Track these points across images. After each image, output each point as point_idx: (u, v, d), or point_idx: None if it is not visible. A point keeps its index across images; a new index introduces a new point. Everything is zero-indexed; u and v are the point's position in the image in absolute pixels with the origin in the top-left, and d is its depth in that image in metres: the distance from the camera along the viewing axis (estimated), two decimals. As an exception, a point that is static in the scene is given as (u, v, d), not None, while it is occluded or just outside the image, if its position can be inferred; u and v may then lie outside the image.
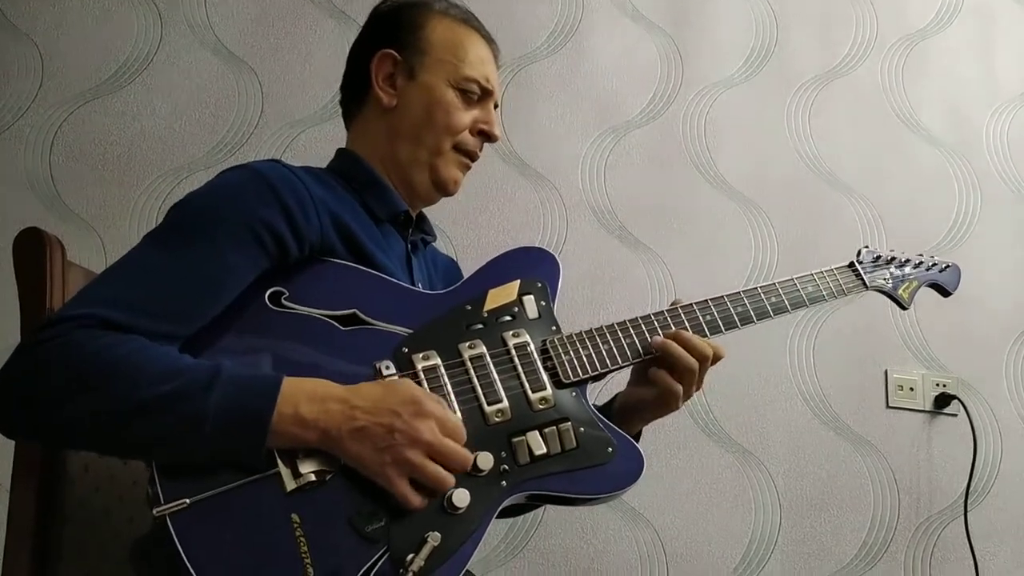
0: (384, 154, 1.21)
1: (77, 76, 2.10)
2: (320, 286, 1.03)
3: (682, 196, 2.22)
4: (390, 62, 1.21)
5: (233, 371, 0.90)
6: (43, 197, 2.01)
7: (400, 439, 0.91)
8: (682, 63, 2.32)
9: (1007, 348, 2.22)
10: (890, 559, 2.03)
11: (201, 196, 1.02)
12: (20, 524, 0.99)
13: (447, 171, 1.21)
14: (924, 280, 1.37)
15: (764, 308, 1.22)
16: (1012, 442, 2.14)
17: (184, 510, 0.86)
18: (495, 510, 0.97)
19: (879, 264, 1.34)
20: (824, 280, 1.29)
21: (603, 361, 1.11)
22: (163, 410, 0.86)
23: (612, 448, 1.04)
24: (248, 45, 2.17)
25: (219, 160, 2.08)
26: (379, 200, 1.18)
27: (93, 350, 0.86)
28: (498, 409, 1.02)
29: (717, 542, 2.00)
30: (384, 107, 1.20)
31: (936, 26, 2.45)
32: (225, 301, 0.97)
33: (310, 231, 1.02)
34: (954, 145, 2.36)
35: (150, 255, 0.96)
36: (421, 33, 1.22)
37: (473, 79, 1.20)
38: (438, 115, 1.19)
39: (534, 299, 1.13)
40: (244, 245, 0.97)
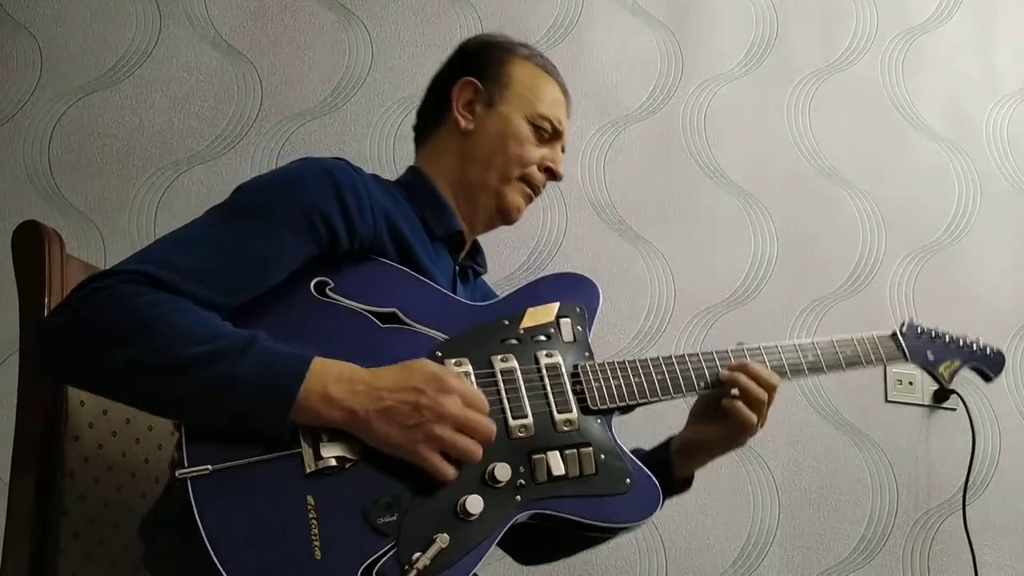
0: (453, 175, 1.26)
1: (76, 69, 2.09)
2: (365, 282, 1.05)
3: (682, 190, 2.22)
4: (471, 90, 1.28)
5: (268, 343, 0.92)
6: (42, 190, 2.00)
7: (427, 415, 0.93)
8: (682, 57, 2.32)
9: (1006, 343, 2.22)
10: (888, 553, 2.04)
11: (266, 179, 1.07)
12: (19, 516, 1.00)
13: (512, 198, 1.27)
14: (968, 362, 1.36)
15: (800, 365, 1.23)
16: (1011, 436, 2.15)
17: (205, 476, 0.87)
18: (507, 523, 0.97)
19: (921, 337, 1.34)
20: (864, 347, 1.29)
21: (632, 393, 1.12)
22: (196, 369, 0.88)
23: (630, 479, 1.05)
24: (247, 38, 2.17)
25: (218, 153, 2.07)
26: (437, 217, 1.22)
27: (137, 305, 0.89)
28: (522, 424, 1.03)
29: (716, 536, 2.00)
30: (461, 131, 1.26)
31: (936, 21, 2.45)
32: (271, 280, 1.00)
33: (363, 226, 1.06)
34: (954, 140, 2.36)
35: (209, 227, 1.00)
36: (504, 68, 1.29)
37: (547, 118, 1.27)
38: (511, 145, 1.25)
39: (571, 323, 1.14)
40: (298, 230, 1.00)
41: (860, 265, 2.23)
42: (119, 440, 1.16)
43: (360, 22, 2.21)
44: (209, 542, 0.84)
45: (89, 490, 1.09)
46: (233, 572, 0.83)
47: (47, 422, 1.05)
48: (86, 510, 1.08)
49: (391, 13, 2.23)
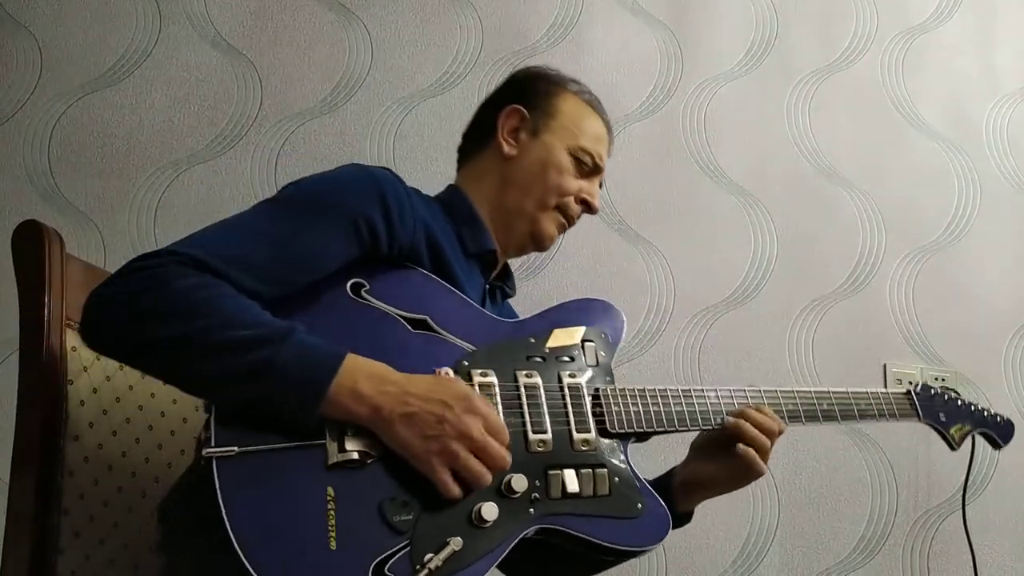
0: (492, 198, 1.29)
1: (76, 69, 2.09)
2: (400, 287, 1.09)
3: (681, 190, 2.22)
4: (517, 117, 1.31)
5: (306, 335, 0.95)
6: (42, 190, 2.00)
7: (448, 430, 0.95)
8: (682, 57, 2.32)
9: (1005, 341, 2.22)
10: (888, 552, 2.04)
11: (316, 179, 1.10)
12: (19, 516, 1.00)
13: (546, 226, 1.30)
14: (977, 427, 1.39)
15: (815, 412, 1.27)
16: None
17: (231, 457, 0.90)
18: (518, 534, 0.99)
19: (934, 398, 1.38)
20: (878, 401, 1.32)
21: (650, 421, 1.15)
22: (237, 352, 0.90)
23: (642, 505, 1.07)
24: (247, 38, 2.17)
25: (218, 153, 2.08)
26: (472, 234, 1.25)
27: (185, 285, 0.92)
28: (541, 439, 1.05)
29: (716, 535, 2.00)
30: (503, 156, 1.30)
31: (936, 20, 2.45)
32: (312, 277, 1.03)
33: (403, 234, 1.09)
34: (954, 140, 2.36)
35: (258, 219, 1.04)
36: (552, 100, 1.32)
37: (589, 152, 1.30)
38: (551, 174, 1.28)
39: (595, 348, 1.17)
40: (342, 231, 1.04)
41: (860, 265, 2.23)
42: (119, 440, 1.16)
43: (360, 22, 2.21)
44: (228, 521, 0.86)
45: (89, 490, 1.09)
46: (250, 552, 0.85)
47: (47, 422, 1.05)
48: (86, 509, 1.08)
49: (391, 13, 2.23)
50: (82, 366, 1.10)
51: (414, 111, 2.16)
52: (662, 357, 2.09)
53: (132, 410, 1.19)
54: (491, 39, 2.23)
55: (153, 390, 1.23)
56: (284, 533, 0.88)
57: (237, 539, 0.85)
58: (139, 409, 1.20)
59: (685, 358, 2.10)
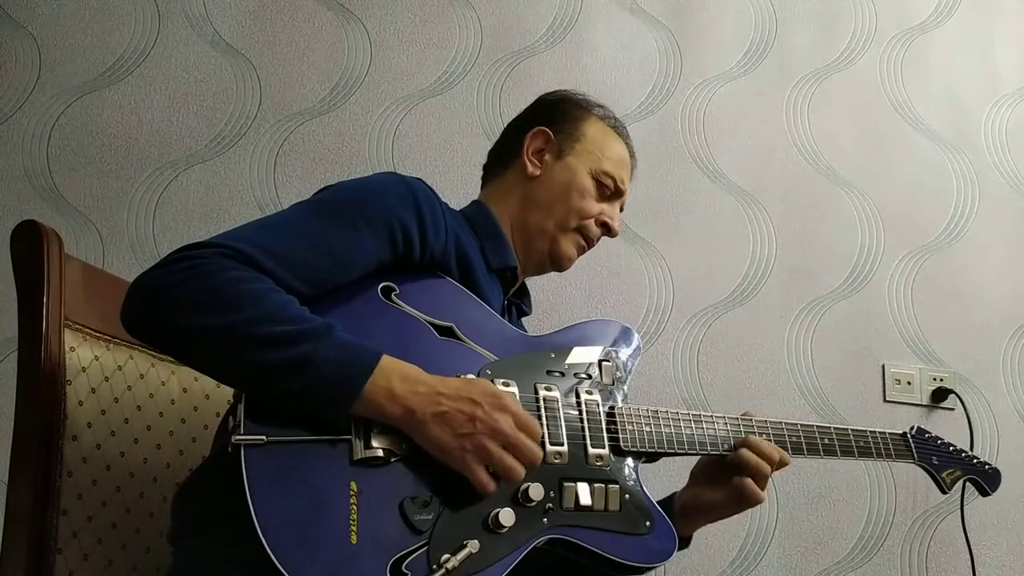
0: (514, 216, 1.32)
1: (75, 68, 2.09)
2: (429, 294, 1.11)
3: (680, 190, 2.22)
4: (543, 138, 1.34)
5: (343, 334, 0.97)
6: (41, 190, 2.00)
7: (480, 427, 0.97)
8: (681, 57, 2.32)
9: (1004, 342, 2.22)
10: (886, 553, 2.04)
11: (354, 183, 1.13)
12: (18, 516, 1.00)
13: (566, 247, 1.33)
14: (968, 474, 1.43)
15: (816, 446, 1.29)
16: (1008, 436, 2.15)
17: (259, 446, 0.91)
18: (531, 542, 1.01)
19: (928, 443, 1.41)
20: (876, 440, 1.35)
21: (661, 442, 1.17)
22: (278, 346, 0.92)
23: (651, 523, 1.11)
24: (246, 38, 2.17)
25: (217, 153, 2.07)
26: (495, 250, 1.28)
27: (230, 278, 0.94)
28: (557, 451, 1.07)
29: (714, 536, 2.00)
30: (527, 175, 1.33)
31: (935, 20, 2.45)
32: (348, 277, 1.05)
33: (436, 243, 1.12)
34: (953, 139, 2.36)
35: (298, 218, 1.06)
36: (578, 124, 1.36)
37: (612, 176, 1.33)
38: (573, 195, 1.31)
39: (612, 368, 1.20)
40: (378, 235, 1.07)
41: (858, 265, 2.23)
42: (117, 440, 1.16)
43: (359, 21, 2.21)
44: (254, 508, 0.87)
45: (87, 490, 1.09)
46: (272, 539, 0.86)
47: (45, 422, 1.05)
48: (84, 509, 1.08)
49: (390, 13, 2.23)
50: (80, 366, 1.10)
51: (413, 111, 2.16)
52: (661, 357, 2.09)
53: (130, 410, 1.19)
54: (490, 39, 2.23)
55: (151, 391, 1.23)
56: (307, 524, 0.89)
57: (262, 527, 0.86)
58: (137, 409, 1.20)
59: (684, 358, 2.10)
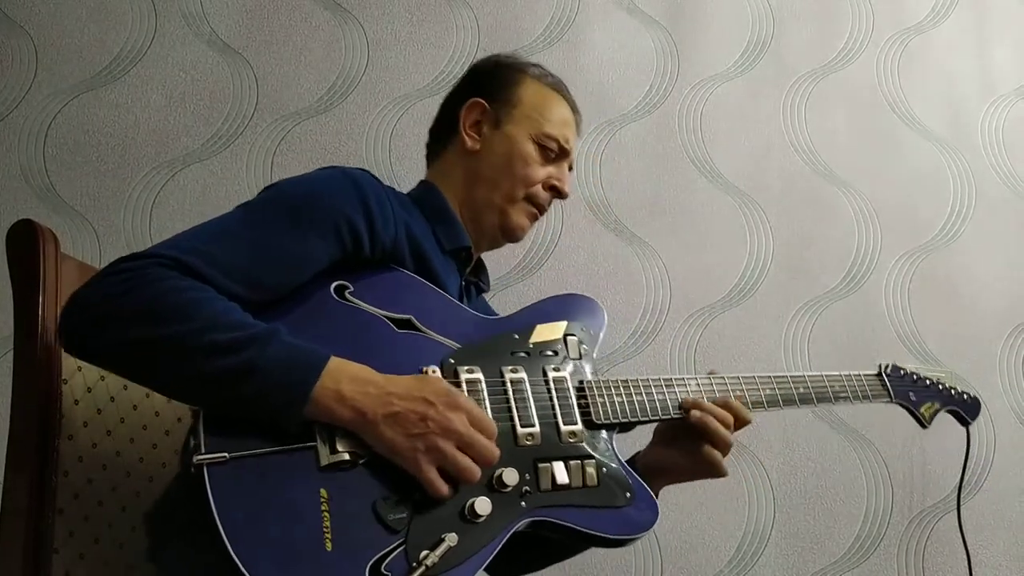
0: (460, 193, 1.30)
1: (71, 67, 2.09)
2: (383, 288, 1.09)
3: (677, 190, 2.22)
4: (479, 110, 1.31)
5: (289, 338, 0.95)
6: (37, 189, 2.00)
7: (433, 427, 0.95)
8: (678, 57, 2.32)
9: (1000, 342, 2.22)
10: (883, 552, 2.04)
11: (296, 182, 1.10)
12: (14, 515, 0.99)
13: (516, 218, 1.31)
14: (946, 405, 1.42)
15: (792, 396, 1.27)
16: (1005, 436, 2.15)
17: (222, 464, 0.89)
18: (511, 528, 1.00)
19: (904, 379, 1.40)
20: (851, 383, 1.34)
21: (634, 411, 1.16)
22: (220, 354, 0.90)
23: (631, 494, 1.09)
24: (243, 37, 2.17)
25: (214, 152, 2.07)
26: (447, 232, 1.26)
27: (168, 288, 0.92)
28: (529, 432, 1.06)
29: (711, 535, 2.00)
30: (467, 150, 1.30)
31: (932, 21, 2.45)
32: (295, 281, 1.03)
33: (385, 236, 1.10)
34: (949, 140, 2.36)
35: (240, 222, 1.03)
36: (513, 89, 1.32)
37: (554, 137, 1.30)
38: (517, 165, 1.28)
39: (577, 342, 1.19)
40: (324, 235, 1.04)
41: (855, 265, 2.23)
42: (114, 439, 1.15)
43: (356, 21, 2.21)
44: (223, 528, 0.85)
45: (83, 489, 1.09)
46: (245, 558, 0.85)
47: (41, 421, 1.04)
48: (80, 509, 1.08)
49: (387, 12, 2.23)
50: (76, 365, 1.10)
51: (410, 111, 2.16)
52: (658, 357, 2.09)
53: (127, 409, 1.19)
54: (487, 39, 2.23)
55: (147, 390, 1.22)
56: (280, 537, 0.88)
57: (232, 545, 0.85)
58: (133, 408, 1.20)
59: (681, 358, 2.10)
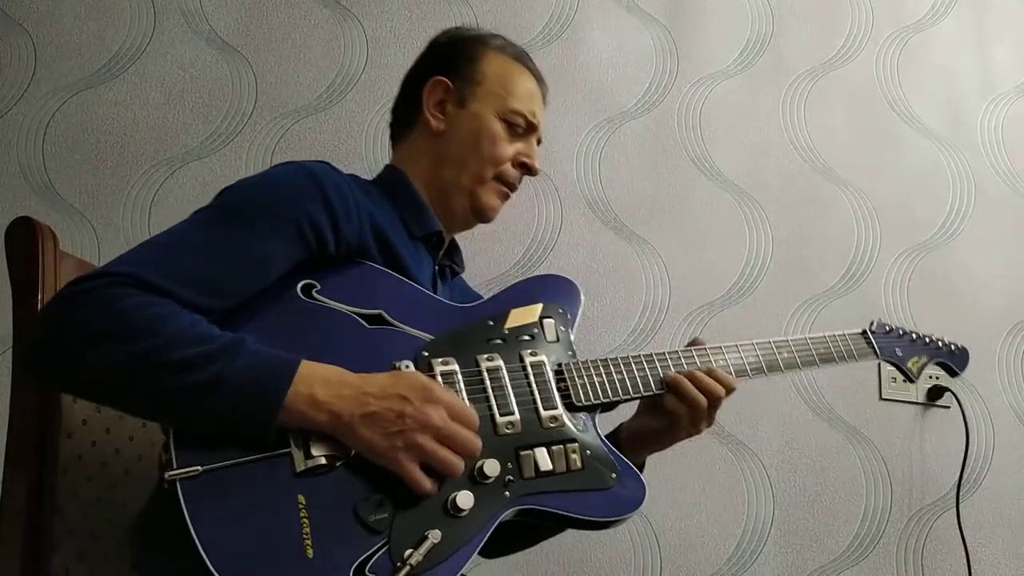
0: (428, 176, 1.26)
1: (70, 65, 2.08)
2: (351, 284, 1.06)
3: (677, 188, 2.22)
4: (442, 89, 1.27)
5: (256, 346, 0.93)
6: (36, 186, 2.00)
7: (411, 423, 0.93)
8: (677, 54, 2.32)
9: (1000, 341, 2.22)
10: (882, 550, 2.04)
11: (253, 182, 1.06)
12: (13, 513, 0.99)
13: (487, 199, 1.27)
14: (934, 358, 1.41)
15: (776, 363, 1.26)
16: (1004, 434, 2.15)
17: (195, 478, 0.87)
18: (496, 519, 0.98)
19: (890, 335, 1.38)
20: (836, 344, 1.32)
21: (615, 390, 1.14)
22: (186, 370, 0.88)
23: (616, 474, 1.07)
24: (242, 34, 2.16)
25: (213, 150, 2.07)
26: (416, 218, 1.22)
27: (127, 305, 0.89)
28: (509, 421, 1.04)
29: (710, 533, 2.00)
30: (432, 131, 1.26)
31: (931, 19, 2.45)
32: (259, 285, 1.00)
33: (350, 232, 1.06)
34: (948, 138, 2.36)
35: (196, 230, 1.00)
36: (476, 65, 1.27)
37: (520, 113, 1.26)
38: (484, 144, 1.24)
39: (554, 324, 1.16)
40: (286, 235, 1.01)
41: (855, 263, 2.23)
42: (113, 437, 1.15)
43: (355, 19, 2.21)
44: (200, 543, 0.84)
45: (83, 487, 1.09)
46: (225, 572, 0.83)
47: (41, 419, 1.04)
48: (79, 507, 1.08)
49: (386, 10, 2.23)
50: (76, 363, 1.10)
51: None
52: (657, 355, 2.09)
53: (126, 407, 1.18)
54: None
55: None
56: (260, 548, 0.86)
57: (211, 560, 0.83)
58: (133, 406, 1.20)
59: (680, 356, 2.10)
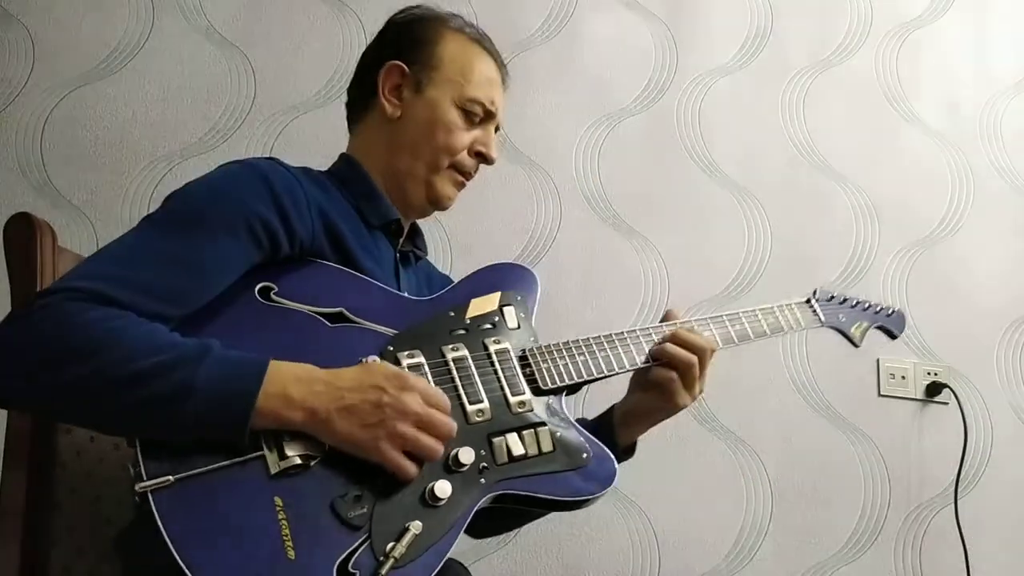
0: (382, 163, 1.24)
1: (68, 61, 2.08)
2: (309, 284, 1.05)
3: (676, 184, 2.22)
4: (398, 74, 1.24)
5: (222, 351, 0.91)
6: (34, 182, 1.99)
7: (389, 412, 0.93)
8: (676, 51, 2.32)
9: (998, 337, 2.22)
10: (881, 546, 2.05)
11: (200, 186, 1.04)
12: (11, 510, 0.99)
13: (442, 188, 1.25)
14: (874, 323, 1.46)
15: (729, 335, 1.29)
16: (1002, 430, 2.15)
17: (167, 487, 0.86)
18: (475, 504, 1.00)
19: (831, 302, 1.43)
20: (783, 314, 1.36)
21: (579, 371, 1.16)
22: (152, 380, 0.86)
23: (587, 454, 1.08)
24: (240, 30, 2.16)
25: (212, 146, 2.07)
26: (372, 207, 1.21)
27: (84, 320, 0.87)
28: (479, 409, 1.05)
29: (709, 529, 2.01)
30: (387, 117, 1.23)
31: (931, 15, 2.45)
32: (216, 289, 0.98)
33: (303, 230, 1.05)
34: (948, 134, 2.36)
35: (147, 238, 0.98)
36: (433, 49, 1.25)
37: (478, 100, 1.24)
38: (439, 133, 1.22)
39: (514, 311, 1.17)
40: (238, 237, 0.99)
41: (853, 259, 2.23)
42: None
43: (354, 14, 2.20)
44: (178, 554, 0.83)
45: (81, 483, 1.09)
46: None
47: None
48: (78, 503, 1.08)
49: (384, 5, 2.19)
50: (74, 360, 1.10)
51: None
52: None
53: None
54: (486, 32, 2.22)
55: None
56: (239, 554, 0.85)
57: (190, 571, 0.82)
58: (132, 403, 1.20)
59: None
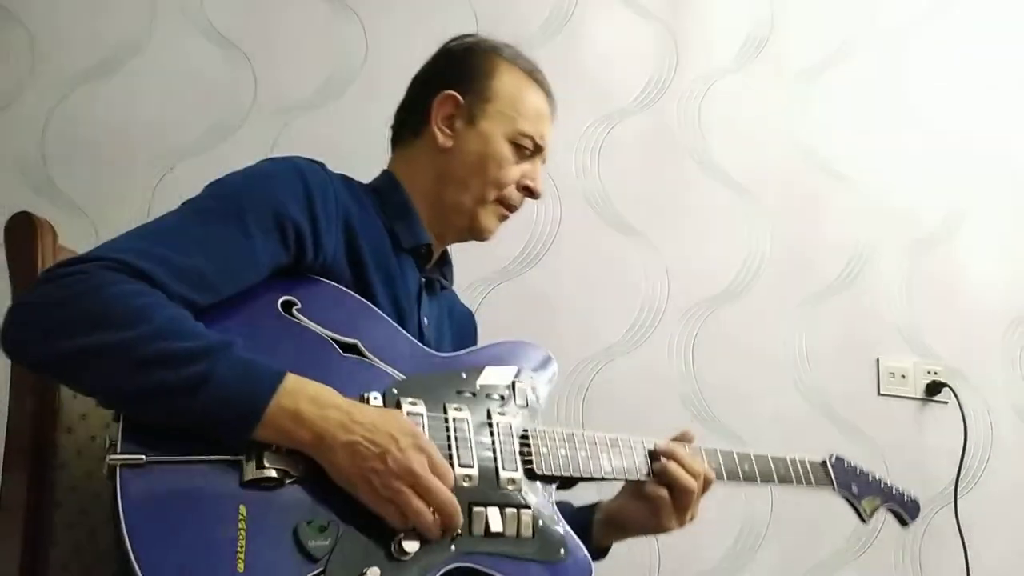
0: (428, 190, 1.23)
1: (69, 60, 2.08)
2: (332, 309, 1.04)
3: (676, 184, 2.22)
4: (452, 104, 1.24)
5: (244, 351, 0.90)
6: (35, 181, 2.00)
7: (391, 465, 0.90)
8: (677, 51, 2.32)
9: (998, 336, 2.23)
10: (881, 545, 2.05)
11: (240, 178, 1.06)
12: (12, 508, 0.99)
13: (486, 220, 1.25)
14: (887, 503, 1.41)
15: (736, 472, 1.26)
16: (1002, 430, 2.16)
17: (137, 466, 0.84)
18: (438, 570, 0.95)
19: (847, 471, 1.40)
20: (796, 468, 1.34)
21: (576, 466, 1.11)
22: (169, 364, 0.85)
23: (564, 551, 1.04)
24: (240, 29, 2.16)
25: (212, 144, 2.07)
26: (406, 228, 1.20)
27: (117, 292, 0.86)
28: (467, 474, 1.01)
29: (710, 527, 2.00)
30: (438, 146, 1.22)
31: (932, 14, 2.44)
32: (240, 285, 0.98)
33: (328, 240, 1.06)
34: (950, 133, 2.36)
35: (184, 222, 0.99)
36: (488, 81, 1.25)
37: (529, 135, 1.23)
38: (490, 167, 1.21)
39: (525, 390, 1.15)
40: (270, 236, 1.00)
41: (854, 259, 2.23)
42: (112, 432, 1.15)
43: (354, 14, 2.20)
44: (128, 533, 0.80)
45: (81, 482, 1.09)
46: (148, 569, 0.80)
47: (39, 414, 1.04)
48: (78, 502, 1.08)
49: (385, 5, 2.22)
50: (75, 358, 1.10)
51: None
52: (655, 352, 2.09)
53: (125, 403, 1.18)
54: (486, 32, 2.21)
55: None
56: (189, 552, 0.82)
57: (135, 553, 0.80)
58: (132, 401, 1.20)
59: (678, 352, 2.11)
